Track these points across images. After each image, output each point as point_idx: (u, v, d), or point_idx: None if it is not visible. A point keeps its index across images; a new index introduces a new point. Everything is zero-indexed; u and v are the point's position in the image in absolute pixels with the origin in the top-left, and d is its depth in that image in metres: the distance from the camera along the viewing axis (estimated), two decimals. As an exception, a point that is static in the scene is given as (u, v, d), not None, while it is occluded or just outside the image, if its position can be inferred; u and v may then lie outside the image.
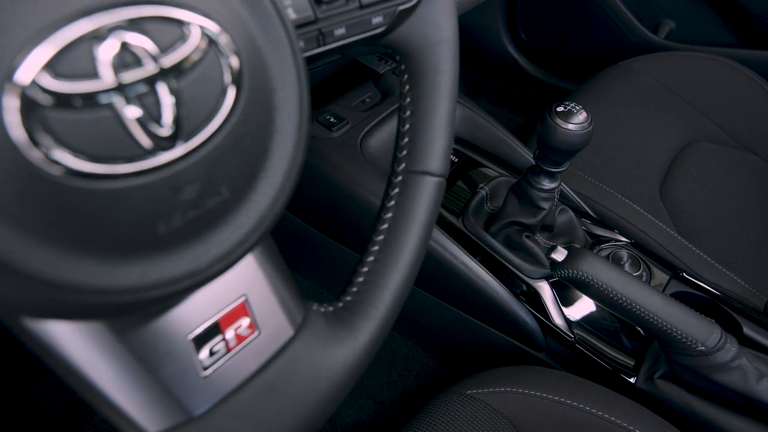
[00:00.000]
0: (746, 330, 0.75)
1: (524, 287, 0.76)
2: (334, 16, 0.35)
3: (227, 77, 0.25)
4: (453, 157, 0.89)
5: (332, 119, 0.83)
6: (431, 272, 0.79)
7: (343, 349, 0.36)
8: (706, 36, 1.33)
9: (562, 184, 0.88)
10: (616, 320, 0.75)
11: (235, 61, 0.25)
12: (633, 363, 0.72)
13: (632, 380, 0.70)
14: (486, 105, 1.66)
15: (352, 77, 0.94)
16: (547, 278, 0.76)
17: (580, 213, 0.86)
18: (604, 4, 1.35)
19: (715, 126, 1.12)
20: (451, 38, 0.40)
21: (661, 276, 0.80)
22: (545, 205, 0.74)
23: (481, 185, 0.84)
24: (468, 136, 0.92)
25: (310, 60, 0.38)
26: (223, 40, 0.24)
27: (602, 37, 1.41)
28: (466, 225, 0.79)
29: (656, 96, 1.13)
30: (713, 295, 0.78)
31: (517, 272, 0.76)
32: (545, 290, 0.75)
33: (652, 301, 0.63)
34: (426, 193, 0.41)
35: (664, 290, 0.78)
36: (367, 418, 0.98)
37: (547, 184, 0.73)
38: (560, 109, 0.66)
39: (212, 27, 0.24)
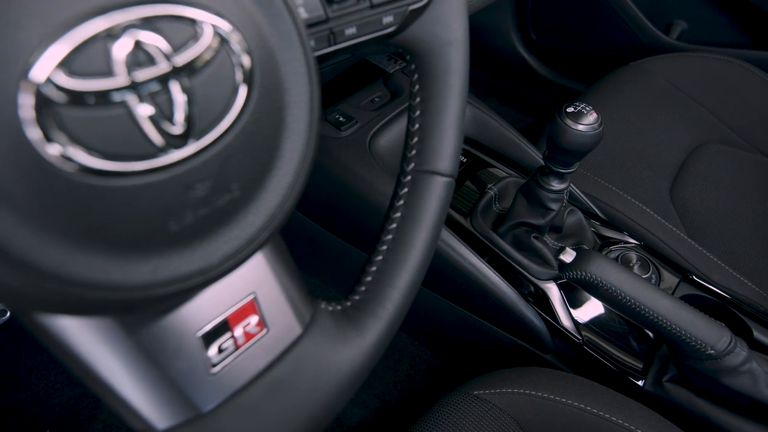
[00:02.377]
0: (756, 334, 0.74)
1: (532, 288, 0.76)
2: (345, 16, 0.35)
3: (239, 76, 0.25)
4: (462, 158, 0.89)
5: (341, 118, 0.83)
6: (439, 272, 0.79)
7: (351, 348, 0.36)
8: (719, 37, 1.32)
9: (572, 185, 0.88)
10: (625, 322, 0.74)
11: (246, 60, 0.25)
12: (641, 366, 0.71)
13: (640, 383, 0.70)
14: (495, 105, 1.65)
15: (362, 76, 0.94)
16: (555, 279, 0.76)
17: (589, 214, 0.86)
18: (614, 3, 1.34)
19: (726, 127, 1.11)
20: (461, 38, 0.40)
21: (670, 279, 0.80)
22: (554, 206, 0.74)
23: (489, 185, 0.84)
24: (477, 137, 0.91)
25: (320, 59, 0.38)
26: (235, 39, 0.24)
27: (613, 37, 1.40)
28: (475, 225, 0.79)
29: (667, 97, 1.13)
30: (723, 298, 0.78)
31: (525, 273, 0.76)
32: (553, 291, 0.75)
33: (661, 303, 0.63)
34: (435, 193, 0.41)
35: (673, 293, 0.78)
36: (373, 417, 0.98)
37: (556, 185, 0.72)
38: (570, 109, 0.65)
39: (224, 26, 0.24)
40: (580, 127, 0.64)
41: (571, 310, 0.74)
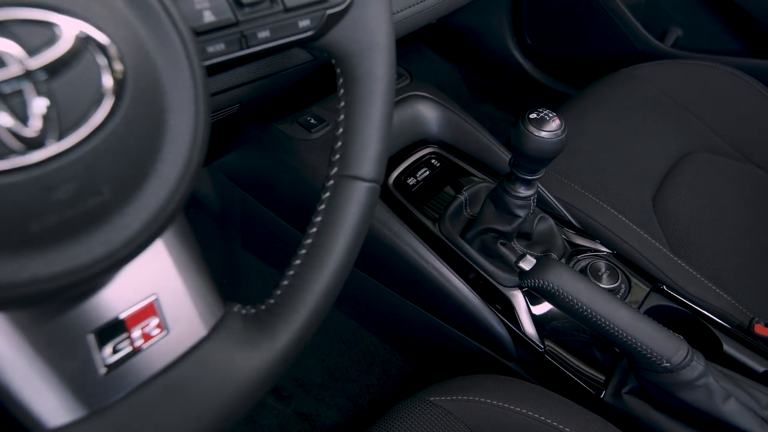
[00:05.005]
0: (726, 347, 0.73)
1: (497, 295, 0.75)
2: (257, 19, 0.35)
3: (107, 79, 0.25)
4: (435, 162, 0.88)
5: (312, 120, 0.83)
6: (404, 276, 0.79)
7: (259, 352, 0.36)
8: (714, 44, 1.30)
9: (546, 192, 0.87)
10: (589, 333, 0.73)
11: (116, 63, 0.25)
12: (604, 377, 0.70)
13: (602, 395, 0.69)
14: (491, 110, 1.64)
15: (339, 79, 0.94)
16: (520, 287, 0.75)
17: (562, 222, 0.85)
18: (609, 9, 1.33)
19: (716, 136, 1.09)
20: (384, 43, 0.40)
21: (641, 288, 0.78)
22: (520, 212, 0.73)
23: (461, 190, 0.83)
24: (452, 140, 0.91)
25: (241, 61, 0.38)
26: (102, 42, 0.25)
27: (608, 43, 1.38)
28: (442, 230, 0.79)
29: (656, 104, 1.11)
30: (694, 310, 0.76)
31: (490, 279, 0.75)
32: (518, 299, 0.74)
33: (618, 314, 0.61)
34: (356, 198, 0.40)
35: (642, 303, 0.77)
36: (346, 420, 0.98)
37: (523, 192, 0.72)
38: (533, 116, 0.65)
39: (89, 30, 0.24)
40: (543, 134, 0.64)
41: (535, 318, 0.74)
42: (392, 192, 0.82)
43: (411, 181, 0.85)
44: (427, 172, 0.87)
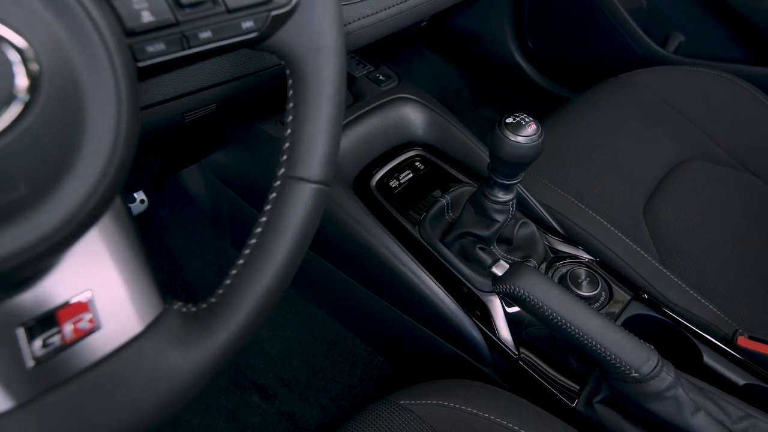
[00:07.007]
0: (706, 359, 0.72)
1: (474, 300, 0.74)
2: (197, 20, 0.35)
3: (20, 78, 0.25)
4: (419, 164, 0.88)
5: (296, 121, 0.83)
6: (382, 278, 0.79)
7: (195, 351, 0.36)
8: (716, 51, 1.28)
9: (530, 197, 0.86)
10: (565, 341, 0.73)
11: (30, 63, 0.25)
12: (578, 386, 0.69)
13: (574, 403, 0.68)
14: (492, 114, 1.64)
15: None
16: (497, 292, 0.74)
17: (546, 227, 0.84)
18: (610, 15, 1.31)
19: (713, 144, 1.07)
20: (331, 46, 0.40)
21: (622, 296, 0.77)
22: (499, 217, 0.72)
23: (444, 193, 0.83)
24: (437, 143, 0.91)
25: (188, 61, 0.38)
26: (16, 42, 0.25)
27: (609, 48, 1.37)
28: (422, 233, 0.79)
29: (654, 110, 1.09)
30: (675, 320, 0.75)
31: (467, 284, 0.75)
32: (495, 304, 0.74)
33: (588, 322, 0.61)
34: (301, 199, 0.41)
35: (622, 311, 0.75)
36: (329, 420, 0.99)
37: (502, 196, 0.71)
38: (509, 120, 0.64)
39: (0, 30, 0.25)
40: (519, 139, 0.63)
41: (510, 321, 0.73)
42: (374, 194, 0.82)
43: (393, 183, 0.84)
44: (410, 175, 0.86)
